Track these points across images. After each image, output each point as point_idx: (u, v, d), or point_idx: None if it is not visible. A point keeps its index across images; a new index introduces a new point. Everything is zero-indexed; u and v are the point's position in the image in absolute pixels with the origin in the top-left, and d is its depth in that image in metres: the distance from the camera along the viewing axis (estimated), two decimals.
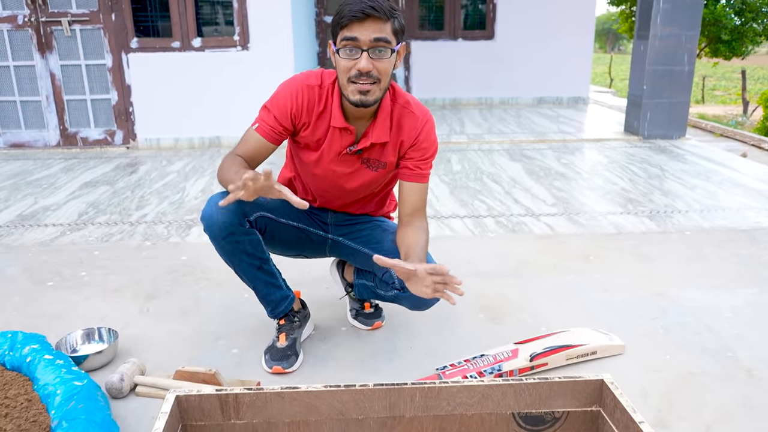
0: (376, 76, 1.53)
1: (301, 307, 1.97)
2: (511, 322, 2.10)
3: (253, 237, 1.71)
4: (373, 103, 1.58)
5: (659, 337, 1.99)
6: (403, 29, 1.58)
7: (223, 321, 2.12)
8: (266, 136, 1.68)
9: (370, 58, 1.52)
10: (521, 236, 2.93)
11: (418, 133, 1.70)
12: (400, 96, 1.72)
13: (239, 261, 1.73)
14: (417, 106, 1.73)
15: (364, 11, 1.49)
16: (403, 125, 1.70)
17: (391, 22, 1.52)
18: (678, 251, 2.73)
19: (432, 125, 1.74)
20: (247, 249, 1.71)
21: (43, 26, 4.75)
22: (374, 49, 1.52)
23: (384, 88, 1.58)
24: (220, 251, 1.72)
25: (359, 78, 1.53)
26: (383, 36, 1.51)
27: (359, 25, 1.50)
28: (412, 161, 1.73)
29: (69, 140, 5.02)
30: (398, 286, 1.73)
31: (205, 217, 1.68)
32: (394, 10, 1.53)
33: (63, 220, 3.20)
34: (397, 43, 1.56)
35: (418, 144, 1.71)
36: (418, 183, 1.74)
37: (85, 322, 2.10)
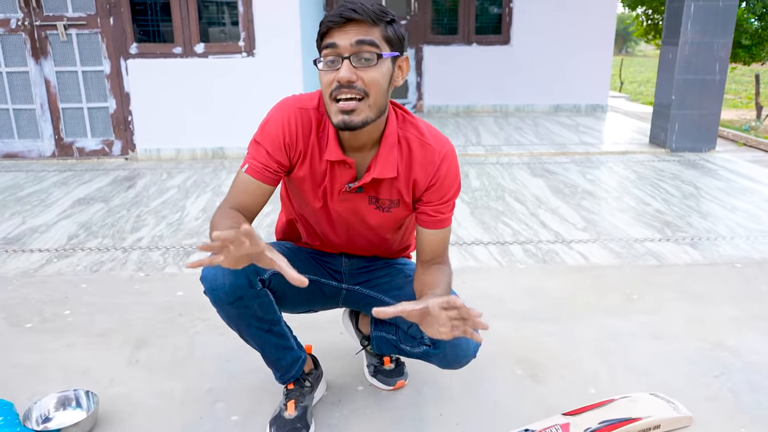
0: (361, 88, 1.26)
1: (313, 367, 1.70)
2: (553, 380, 1.82)
3: (264, 299, 1.44)
4: (361, 124, 1.29)
5: (727, 402, 1.71)
6: (399, 38, 1.32)
7: (221, 376, 1.85)
8: (259, 176, 1.39)
9: (353, 67, 1.25)
10: (553, 268, 2.65)
11: (435, 169, 1.40)
12: (410, 123, 1.42)
13: (246, 326, 1.46)
14: (433, 136, 1.43)
15: (343, 14, 1.25)
16: (416, 160, 1.41)
17: (381, 27, 1.27)
18: (730, 288, 2.44)
19: (452, 159, 1.43)
20: (257, 313, 1.44)
21: (38, 30, 4.50)
22: (357, 55, 1.25)
23: (376, 106, 1.29)
24: (223, 316, 1.45)
25: (340, 91, 1.26)
26: (368, 38, 1.25)
27: (339, 31, 1.26)
28: (431, 206, 1.44)
29: (64, 150, 4.76)
30: (428, 342, 1.45)
31: (208, 278, 1.38)
32: (383, 14, 1.28)
33: (51, 244, 2.94)
34: (391, 50, 1.29)
35: (437, 184, 1.42)
36: (439, 229, 1.46)
37: (64, 377, 1.84)
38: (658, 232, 3.08)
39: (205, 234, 3.06)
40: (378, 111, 1.31)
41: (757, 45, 9.97)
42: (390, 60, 1.30)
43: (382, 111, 1.33)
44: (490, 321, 1.45)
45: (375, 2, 1.29)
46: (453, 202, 1.46)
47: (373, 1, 1.29)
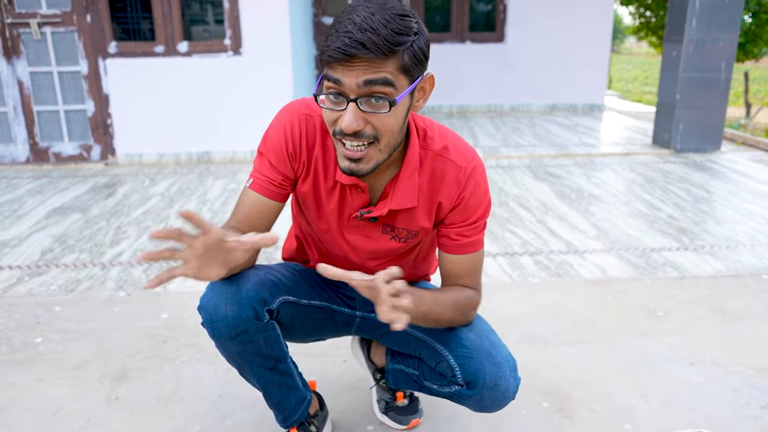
0: (370, 134, 1.05)
1: (319, 408, 1.50)
2: (585, 415, 1.63)
3: (271, 333, 1.23)
4: (370, 171, 1.09)
5: None
6: (421, 58, 1.05)
7: (212, 415, 1.64)
8: (265, 191, 1.20)
9: (361, 112, 1.03)
10: (569, 282, 2.46)
11: (462, 188, 1.20)
12: (433, 140, 1.20)
13: (249, 363, 1.26)
14: (457, 151, 1.21)
15: (347, 50, 0.98)
16: (441, 181, 1.20)
17: (398, 57, 1.01)
18: (762, 303, 2.27)
19: (480, 174, 1.22)
20: (261, 349, 1.24)
21: (9, 29, 4.23)
22: (366, 99, 1.02)
23: (388, 147, 1.10)
24: (223, 352, 1.25)
25: (345, 137, 1.05)
26: (378, 77, 1.00)
27: (344, 66, 1.00)
28: (454, 229, 1.23)
29: (40, 156, 4.50)
30: (461, 380, 1.23)
31: (207, 308, 1.18)
32: (402, 37, 1.00)
33: (22, 260, 2.70)
34: (411, 81, 1.05)
35: (463, 205, 1.21)
36: (463, 255, 1.25)
37: (34, 418, 1.62)
38: (674, 241, 2.90)
39: None
40: (391, 150, 1.11)
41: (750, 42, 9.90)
42: (408, 95, 1.07)
43: (395, 148, 1.13)
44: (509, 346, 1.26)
45: (392, 16, 1.00)
46: (481, 225, 1.25)
47: (389, 14, 1.00)
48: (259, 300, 1.19)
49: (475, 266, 1.28)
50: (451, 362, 1.26)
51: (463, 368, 1.23)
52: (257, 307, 1.18)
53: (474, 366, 1.21)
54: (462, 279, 1.28)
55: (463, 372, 1.23)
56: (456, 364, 1.25)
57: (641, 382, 1.78)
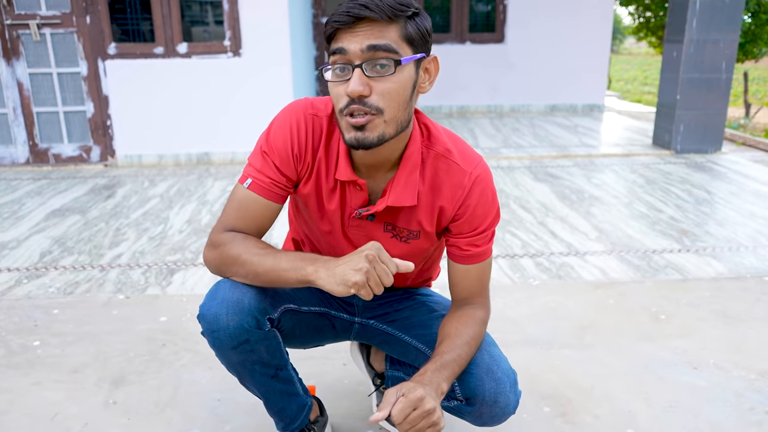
0: (374, 104, 1.04)
1: (319, 414, 1.48)
2: (587, 421, 1.62)
3: (272, 342, 1.22)
4: (377, 141, 1.07)
5: None
6: (424, 35, 1.07)
7: (211, 420, 1.62)
8: (267, 193, 1.18)
9: (366, 77, 1.03)
10: (570, 284, 2.45)
11: (465, 195, 1.18)
12: (437, 140, 1.19)
13: (250, 372, 1.24)
14: (462, 154, 1.19)
15: (351, 12, 1.01)
16: (442, 184, 1.18)
17: (400, 25, 1.04)
18: (764, 306, 2.26)
19: (487, 181, 1.19)
20: (262, 358, 1.22)
21: (9, 30, 4.21)
22: (370, 62, 1.02)
23: (395, 121, 1.07)
24: (224, 361, 1.23)
25: (350, 109, 1.04)
26: (382, 42, 1.02)
27: (348, 33, 1.03)
28: (463, 239, 1.21)
29: (39, 157, 4.48)
30: (460, 396, 1.22)
31: (208, 318, 1.16)
32: (403, 6, 1.04)
33: (21, 262, 2.69)
34: (414, 52, 1.06)
35: (468, 212, 1.18)
36: (476, 264, 1.23)
37: (32, 423, 1.61)
38: (676, 242, 2.89)
39: (191, 249, 2.82)
40: (397, 126, 1.09)
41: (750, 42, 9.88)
42: (413, 64, 1.07)
43: (403, 126, 1.10)
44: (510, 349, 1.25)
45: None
46: (490, 233, 1.22)
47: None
48: (260, 309, 1.17)
49: (485, 276, 1.27)
50: None
51: (463, 384, 1.21)
52: (259, 317, 1.17)
53: (473, 382, 1.19)
54: (473, 293, 1.26)
55: (462, 388, 1.21)
56: (455, 379, 1.23)
57: (644, 387, 1.76)
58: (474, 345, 1.19)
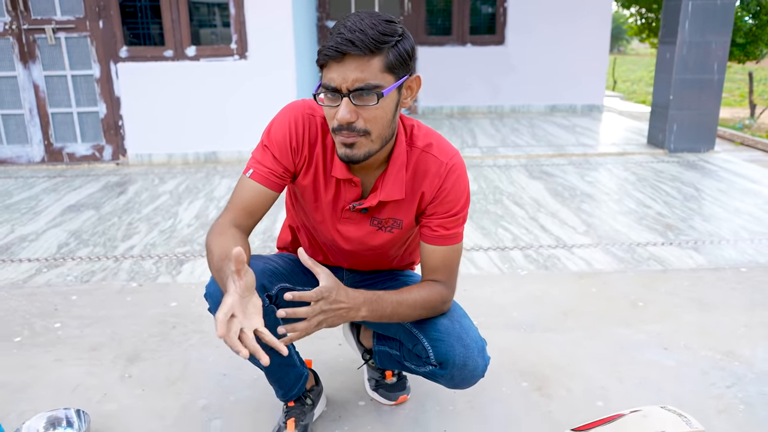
0: (361, 128, 1.19)
1: (314, 384, 1.64)
2: (561, 394, 1.77)
3: (270, 317, 1.37)
4: (363, 158, 1.23)
5: (740, 415, 1.66)
6: (405, 58, 1.19)
7: (217, 391, 1.78)
8: (265, 182, 1.33)
9: (353, 105, 1.17)
10: (556, 274, 2.59)
11: (442, 181, 1.33)
12: (419, 138, 1.35)
13: None
14: (440, 148, 1.35)
15: (339, 48, 1.13)
16: (423, 173, 1.34)
17: (383, 56, 1.16)
18: (739, 294, 2.39)
19: (460, 171, 1.35)
20: None
21: (26, 34, 4.40)
22: (357, 94, 1.16)
23: (380, 138, 1.23)
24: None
25: (341, 132, 1.20)
26: (365, 77, 1.15)
27: (337, 66, 1.15)
28: (435, 219, 1.35)
29: (54, 156, 4.67)
30: (434, 361, 1.38)
31: (213, 296, 1.31)
32: (386, 37, 1.15)
33: (40, 253, 2.86)
34: (397, 78, 1.19)
35: (443, 196, 1.34)
36: (444, 246, 1.37)
37: (55, 394, 1.77)
38: (660, 236, 3.03)
39: (199, 241, 2.99)
40: (383, 141, 1.25)
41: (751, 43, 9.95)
42: (394, 90, 1.21)
43: (388, 139, 1.26)
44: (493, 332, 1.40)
45: (378, 20, 1.16)
46: (460, 218, 1.37)
47: (376, 19, 1.17)
48: (259, 287, 1.32)
49: (451, 260, 1.39)
50: (425, 345, 1.39)
51: (436, 350, 1.36)
52: (258, 293, 1.32)
53: (445, 348, 1.35)
54: (436, 274, 1.39)
55: (436, 353, 1.36)
56: (429, 346, 1.38)
57: (617, 366, 1.91)
58: (420, 305, 1.33)
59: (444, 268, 1.38)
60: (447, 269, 1.38)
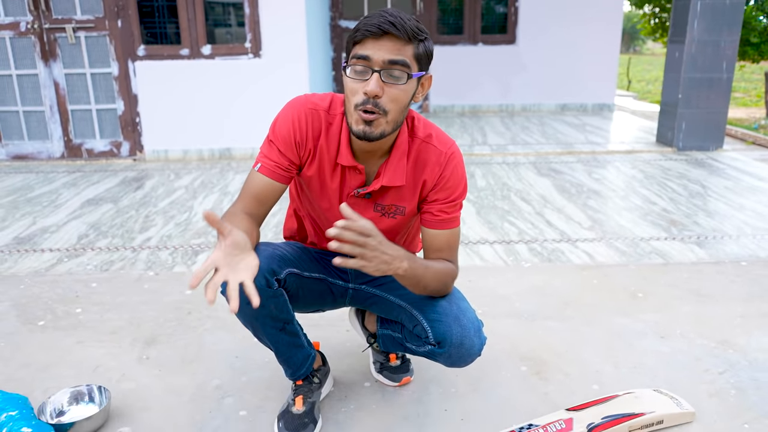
0: (383, 107, 1.29)
1: (321, 364, 1.73)
2: (558, 378, 1.84)
3: (280, 299, 1.45)
4: (378, 137, 1.33)
5: (731, 399, 1.72)
6: (429, 56, 1.34)
7: (230, 372, 1.87)
8: (271, 174, 1.42)
9: (382, 81, 1.27)
10: (559, 267, 2.66)
11: (442, 169, 1.44)
12: (420, 129, 1.46)
13: (262, 325, 1.47)
14: (439, 139, 1.46)
15: (381, 26, 1.25)
16: (424, 162, 1.45)
17: (414, 45, 1.29)
18: (737, 287, 2.45)
19: (458, 159, 1.47)
20: (272, 313, 1.45)
21: (47, 33, 4.54)
22: (388, 71, 1.27)
23: (394, 122, 1.33)
24: (240, 316, 1.47)
25: (365, 106, 1.29)
26: (401, 58, 1.27)
27: (374, 43, 1.26)
28: (437, 205, 1.46)
29: (73, 152, 4.81)
30: (432, 341, 1.47)
31: None
32: (419, 32, 1.29)
33: (61, 244, 2.98)
34: (419, 70, 1.31)
35: (443, 183, 1.45)
36: (446, 230, 1.47)
37: (77, 374, 1.87)
38: (664, 231, 3.08)
39: (213, 233, 3.09)
40: (395, 126, 1.35)
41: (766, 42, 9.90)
42: (416, 79, 1.32)
43: (399, 125, 1.37)
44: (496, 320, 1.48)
45: (412, 17, 1.30)
46: (459, 204, 1.48)
47: (410, 15, 1.30)
48: (269, 271, 1.41)
49: (453, 242, 1.50)
50: (424, 325, 1.48)
51: (434, 330, 1.46)
52: (268, 277, 1.40)
53: (443, 328, 1.44)
54: (442, 253, 1.49)
55: (434, 333, 1.46)
56: (428, 327, 1.47)
57: (613, 352, 1.97)
58: (440, 275, 1.43)
59: (448, 249, 1.48)
60: (450, 250, 1.49)
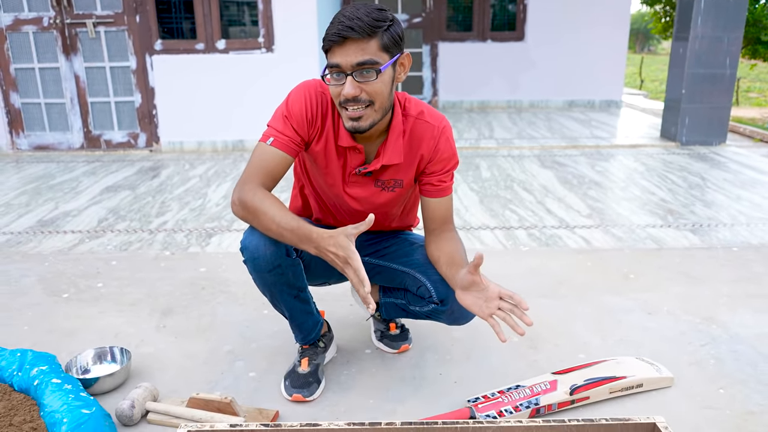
0: (366, 99, 1.41)
1: (327, 330, 1.86)
2: (548, 348, 1.95)
3: (297, 268, 1.58)
4: (369, 127, 1.46)
5: (710, 368, 1.83)
6: (397, 39, 1.42)
7: (241, 340, 2.01)
8: (285, 148, 1.53)
9: (356, 82, 1.39)
10: (556, 251, 2.77)
11: (437, 142, 1.57)
12: (411, 108, 1.58)
13: (279, 291, 1.60)
14: (431, 114, 1.59)
15: (341, 33, 1.35)
16: (420, 138, 1.57)
17: (378, 38, 1.37)
18: (726, 270, 2.55)
19: (449, 132, 1.60)
20: (289, 280, 1.58)
21: (68, 28, 4.72)
22: (359, 72, 1.38)
23: (381, 109, 1.45)
24: (260, 283, 1.59)
25: (348, 104, 1.42)
26: (366, 59, 1.37)
27: (340, 49, 1.37)
28: (435, 176, 1.60)
29: (92, 143, 4.99)
30: (436, 299, 1.60)
31: (250, 248, 1.51)
32: (380, 22, 1.37)
33: (82, 226, 3.13)
34: (391, 57, 1.42)
35: (438, 156, 1.58)
36: (444, 197, 1.62)
37: (99, 339, 2.01)
38: (660, 219, 3.18)
39: (226, 218, 3.23)
40: (384, 111, 1.47)
41: None
42: (390, 67, 1.43)
43: (387, 110, 1.49)
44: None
45: (371, 9, 1.39)
46: (452, 173, 1.61)
47: (369, 8, 1.39)
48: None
49: (452, 209, 1.65)
50: (428, 286, 1.61)
51: (437, 289, 1.59)
52: (288, 247, 1.53)
53: (445, 287, 1.57)
54: (448, 223, 1.63)
55: (437, 292, 1.59)
56: (432, 287, 1.60)
57: (601, 326, 2.09)
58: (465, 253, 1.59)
59: (450, 218, 1.64)
60: (452, 218, 1.65)
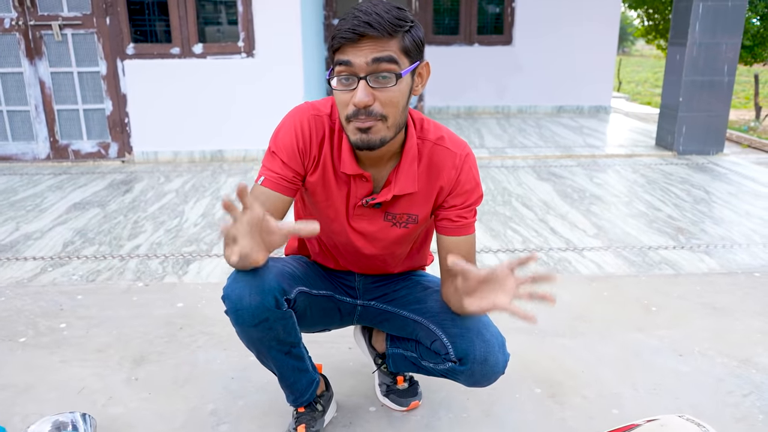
0: (378, 112, 1.17)
1: (325, 389, 1.61)
2: (575, 401, 1.73)
3: (289, 321, 1.33)
4: (380, 144, 1.21)
5: (760, 424, 1.63)
6: (419, 45, 1.20)
7: (225, 395, 1.75)
8: (277, 187, 1.30)
9: (370, 88, 1.15)
10: (567, 278, 2.56)
11: (458, 173, 1.33)
12: (429, 131, 1.34)
13: (267, 348, 1.35)
14: (452, 140, 1.36)
15: (357, 30, 1.12)
16: (439, 167, 1.33)
17: (399, 38, 1.16)
18: (753, 300, 2.36)
19: (473, 161, 1.37)
20: (279, 335, 1.33)
21: (32, 30, 4.38)
22: (374, 75, 1.15)
23: (395, 125, 1.21)
24: (244, 338, 1.34)
25: (358, 116, 1.17)
26: (384, 55, 1.14)
27: (353, 47, 1.14)
28: (455, 211, 1.36)
29: (60, 153, 4.65)
30: (454, 357, 1.36)
31: (232, 297, 1.26)
32: (402, 22, 1.16)
33: (45, 252, 2.84)
34: (411, 62, 1.19)
35: (460, 187, 1.34)
36: (464, 236, 1.37)
37: (59, 396, 1.74)
38: (672, 240, 2.99)
39: (206, 241, 2.96)
40: (397, 128, 1.23)
41: (759, 45, 9.89)
42: (409, 74, 1.20)
43: (401, 127, 1.25)
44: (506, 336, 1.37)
45: (391, 7, 1.17)
46: (475, 206, 1.38)
47: (389, 6, 1.17)
48: (279, 290, 1.29)
49: (473, 249, 1.40)
50: (444, 341, 1.37)
51: (455, 346, 1.35)
52: (278, 297, 1.28)
53: (465, 343, 1.33)
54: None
55: (456, 349, 1.35)
56: (449, 342, 1.36)
57: (631, 372, 1.88)
58: None
59: (471, 258, 1.38)
60: (473, 259, 1.39)
